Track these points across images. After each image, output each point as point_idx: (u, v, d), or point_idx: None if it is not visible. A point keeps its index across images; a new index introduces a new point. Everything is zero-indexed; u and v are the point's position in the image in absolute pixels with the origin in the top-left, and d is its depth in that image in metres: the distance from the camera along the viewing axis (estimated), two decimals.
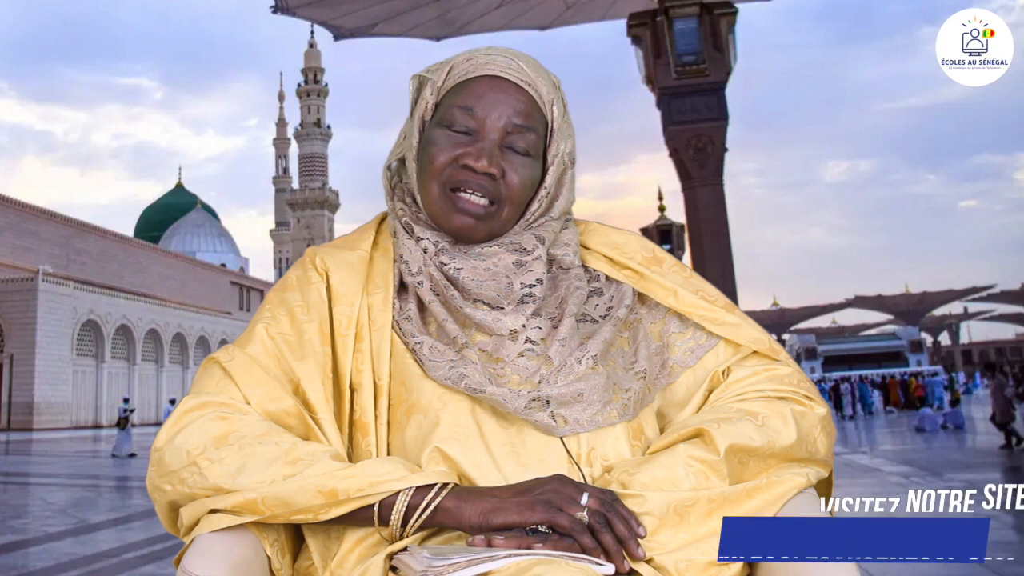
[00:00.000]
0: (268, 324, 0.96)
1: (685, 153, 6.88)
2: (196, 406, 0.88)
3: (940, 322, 77.08)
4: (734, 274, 6.90)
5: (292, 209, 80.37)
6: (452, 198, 0.96)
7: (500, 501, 0.82)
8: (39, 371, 37.98)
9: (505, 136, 0.96)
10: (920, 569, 4.34)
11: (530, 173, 0.98)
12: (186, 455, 0.84)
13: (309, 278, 1.00)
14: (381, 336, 0.96)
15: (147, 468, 0.90)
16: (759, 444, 0.87)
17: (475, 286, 0.96)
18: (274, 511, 0.82)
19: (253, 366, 0.91)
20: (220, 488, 0.83)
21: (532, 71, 0.98)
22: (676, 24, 6.82)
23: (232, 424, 0.86)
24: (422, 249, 0.99)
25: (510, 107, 0.96)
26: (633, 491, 0.83)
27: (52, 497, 10.94)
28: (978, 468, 10.79)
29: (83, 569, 5.86)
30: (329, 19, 7.97)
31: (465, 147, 0.96)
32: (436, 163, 0.96)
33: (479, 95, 0.97)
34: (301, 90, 79.86)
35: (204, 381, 0.92)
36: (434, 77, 1.00)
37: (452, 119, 0.97)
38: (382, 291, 0.99)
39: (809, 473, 0.90)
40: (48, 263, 41.70)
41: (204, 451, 0.84)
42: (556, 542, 0.78)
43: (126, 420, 19.65)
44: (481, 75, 0.98)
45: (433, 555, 0.75)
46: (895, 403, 30.79)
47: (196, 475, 0.83)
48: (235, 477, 0.82)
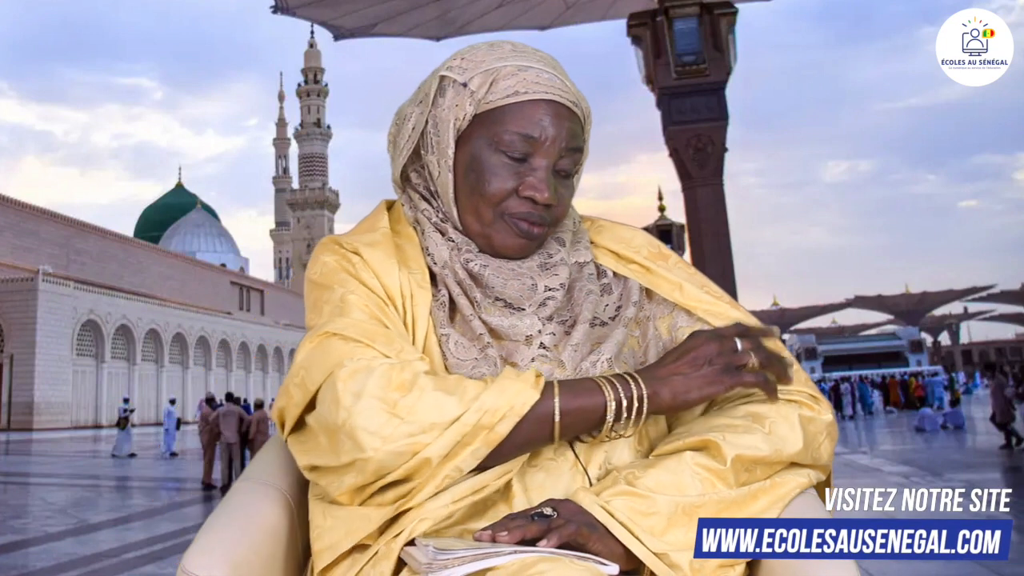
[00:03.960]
0: (352, 291, 0.93)
1: (685, 153, 6.87)
2: (351, 372, 0.83)
3: (940, 322, 77.11)
4: (734, 274, 6.90)
5: (292, 209, 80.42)
6: (511, 223, 0.95)
7: (685, 379, 0.86)
8: (39, 371, 37.96)
9: (558, 161, 0.96)
10: (920, 569, 4.34)
11: (571, 193, 0.99)
12: (381, 408, 0.80)
13: (348, 258, 0.97)
14: (420, 312, 0.95)
15: (304, 452, 0.86)
16: (766, 453, 0.87)
17: (499, 284, 0.96)
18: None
19: (365, 324, 0.89)
20: (434, 424, 0.80)
21: (573, 87, 0.97)
22: (676, 24, 6.82)
23: (403, 371, 0.83)
24: (448, 245, 0.98)
25: (565, 131, 0.95)
26: (640, 492, 0.83)
27: (52, 497, 10.94)
28: (978, 468, 10.79)
29: (83, 569, 5.86)
30: (329, 19, 7.97)
31: (524, 176, 0.94)
32: (495, 191, 0.94)
33: (537, 121, 0.94)
34: (301, 90, 79.91)
35: (331, 354, 0.86)
36: (472, 85, 0.95)
37: (511, 146, 0.94)
38: (419, 272, 0.98)
39: (810, 473, 0.91)
40: (48, 263, 41.68)
41: (398, 402, 0.80)
42: (561, 531, 0.79)
43: (126, 420, 19.67)
44: (538, 99, 0.94)
45: (439, 549, 0.75)
46: (895, 403, 30.80)
47: (398, 425, 0.80)
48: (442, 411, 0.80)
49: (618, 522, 0.81)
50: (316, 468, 0.86)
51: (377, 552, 0.83)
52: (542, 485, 0.88)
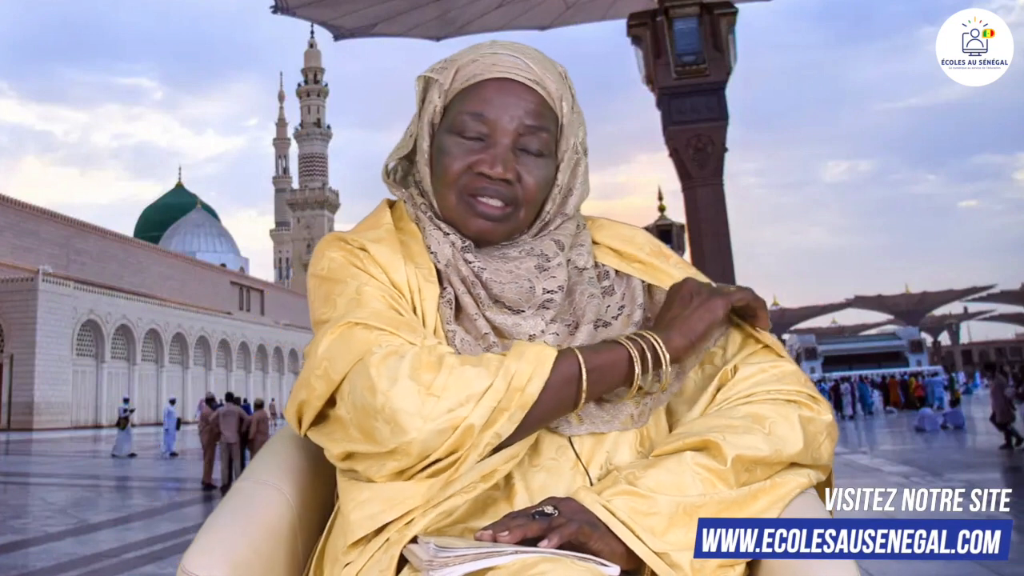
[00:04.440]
0: (366, 284, 0.93)
1: (685, 153, 6.87)
2: (383, 357, 0.83)
3: (940, 322, 77.11)
4: (734, 274, 6.90)
5: (292, 209, 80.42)
6: (470, 203, 0.95)
7: (685, 319, 0.92)
8: (39, 371, 37.96)
9: (518, 139, 0.95)
10: (920, 569, 4.34)
11: (544, 173, 0.97)
12: (417, 389, 0.81)
13: (355, 254, 0.97)
14: (429, 307, 0.95)
15: (329, 442, 0.87)
16: (766, 454, 0.87)
17: (497, 287, 0.96)
18: None
19: (385, 313, 0.89)
20: (470, 395, 0.81)
21: (539, 68, 0.97)
22: (676, 24, 6.81)
23: (430, 354, 0.84)
24: (450, 242, 0.98)
25: (521, 109, 0.95)
26: (642, 491, 0.83)
27: (52, 497, 10.94)
28: (978, 468, 10.79)
29: (83, 569, 5.86)
30: (329, 19, 7.97)
31: (478, 154, 0.95)
32: (451, 172, 0.95)
33: (488, 99, 0.95)
34: (301, 90, 79.92)
35: (356, 343, 0.86)
36: (440, 79, 0.98)
37: (463, 126, 0.96)
38: (425, 267, 0.98)
39: (810, 473, 0.91)
40: (48, 263, 41.67)
41: (432, 382, 0.81)
42: (562, 530, 0.79)
43: (126, 420, 19.67)
44: (489, 78, 0.96)
45: (440, 547, 0.75)
46: (895, 403, 30.80)
47: (436, 403, 0.80)
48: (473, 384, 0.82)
49: (619, 521, 0.81)
50: (353, 455, 0.86)
51: (389, 539, 0.83)
52: (544, 485, 0.88)
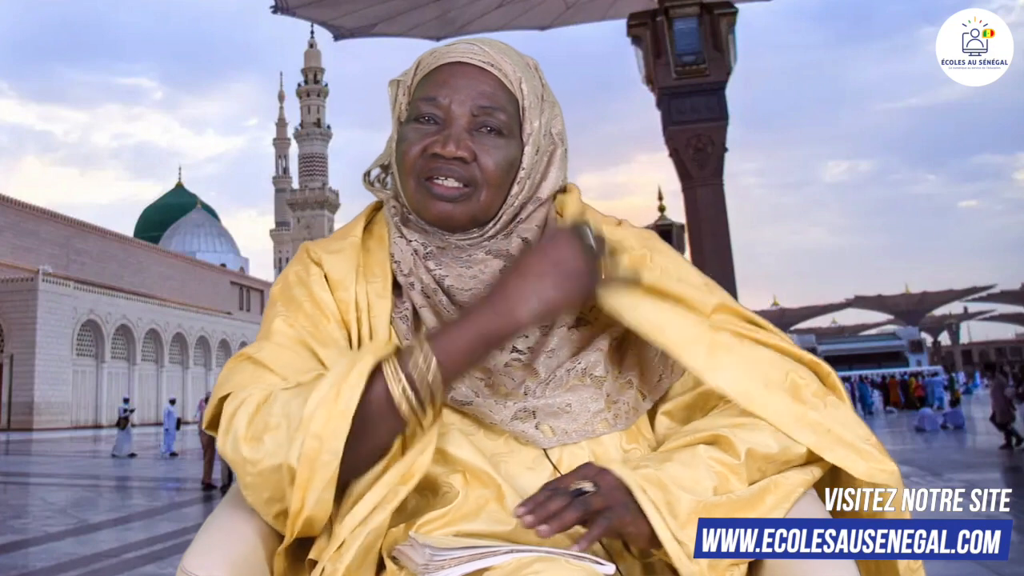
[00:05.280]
0: (285, 317, 0.94)
1: (685, 153, 6.87)
2: (235, 407, 0.85)
3: (940, 322, 77.08)
4: (734, 274, 6.90)
5: (292, 209, 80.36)
6: (427, 186, 0.94)
7: (536, 291, 0.82)
8: (39, 371, 37.96)
9: (472, 120, 0.94)
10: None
11: (505, 154, 0.95)
12: (249, 432, 0.82)
13: (308, 270, 0.99)
14: (379, 324, 0.95)
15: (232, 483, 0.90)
16: (776, 451, 0.87)
17: (458, 293, 0.95)
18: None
19: (283, 351, 0.90)
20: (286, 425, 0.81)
21: (495, 52, 0.97)
22: (676, 24, 6.81)
23: (268, 392, 0.85)
24: (412, 250, 0.98)
25: (473, 90, 0.95)
26: (668, 483, 0.82)
27: (52, 497, 10.94)
28: (978, 468, 10.78)
29: (83, 569, 5.86)
30: (329, 19, 7.96)
31: (433, 136, 0.94)
32: (408, 157, 0.95)
33: (441, 83, 0.95)
34: (301, 90, 79.85)
35: (237, 377, 0.89)
36: (404, 78, 1.01)
37: (418, 112, 0.96)
38: (380, 280, 0.98)
39: (813, 470, 0.90)
40: (48, 263, 41.67)
41: (258, 423, 0.82)
42: (601, 523, 0.78)
43: (126, 420, 19.65)
44: (442, 64, 0.97)
45: (435, 549, 0.75)
46: (895, 403, 30.79)
47: (258, 447, 0.82)
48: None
49: (653, 505, 0.79)
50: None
51: (324, 569, 0.82)
52: (532, 484, 0.87)
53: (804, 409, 0.89)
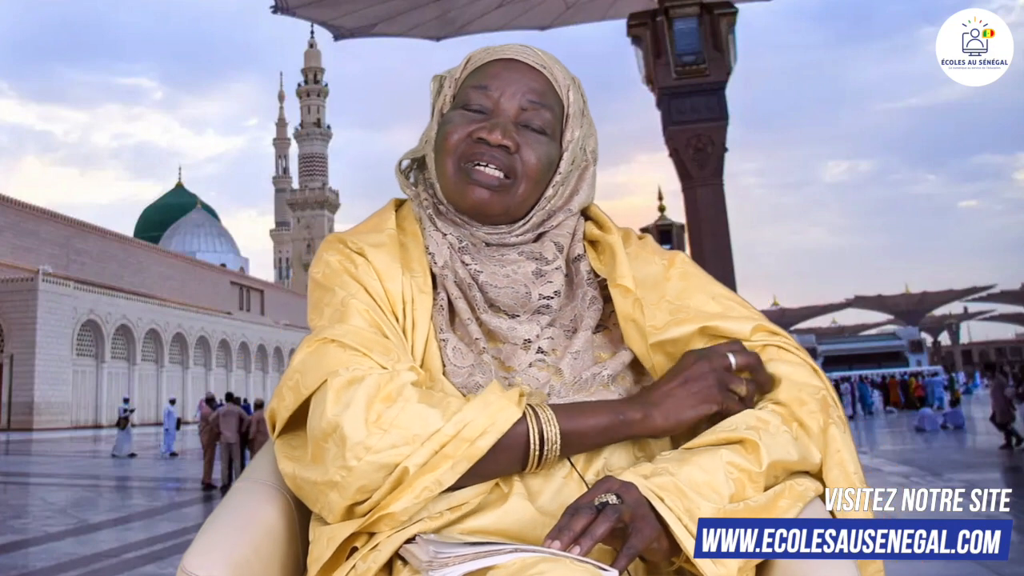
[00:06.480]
0: (353, 295, 0.92)
1: (685, 153, 6.87)
2: (345, 381, 0.83)
3: (940, 322, 77.12)
4: (734, 274, 6.90)
5: (292, 209, 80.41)
6: (466, 170, 0.95)
7: (676, 400, 0.87)
8: (39, 371, 37.95)
9: (520, 113, 0.97)
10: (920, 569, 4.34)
11: (546, 151, 0.97)
12: (366, 419, 0.81)
13: (352, 259, 0.96)
14: (421, 317, 0.94)
15: (281, 461, 0.88)
16: (795, 459, 0.87)
17: (493, 291, 0.95)
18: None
19: (364, 334, 0.88)
20: (416, 435, 0.80)
21: (548, 58, 1.01)
22: (676, 24, 6.81)
23: (391, 382, 0.83)
24: (448, 244, 0.98)
25: (524, 85, 0.97)
26: (686, 491, 0.81)
27: (52, 497, 10.94)
28: (978, 468, 10.79)
29: (83, 569, 5.86)
30: (329, 19, 7.96)
31: (480, 123, 0.96)
32: (451, 140, 0.96)
33: (494, 75, 0.98)
34: (301, 90, 79.91)
35: (329, 361, 0.86)
36: (454, 72, 1.04)
37: (467, 99, 0.98)
38: (421, 275, 0.97)
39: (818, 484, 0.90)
40: (48, 263, 41.65)
41: (382, 414, 0.80)
42: (635, 544, 0.78)
43: (126, 420, 19.67)
44: (496, 58, 1.00)
45: (440, 547, 0.75)
46: (895, 403, 30.81)
47: (381, 436, 0.80)
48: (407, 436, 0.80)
49: (674, 515, 0.79)
50: (296, 478, 0.86)
51: (355, 566, 0.82)
52: (541, 489, 0.87)
53: (829, 424, 0.91)
